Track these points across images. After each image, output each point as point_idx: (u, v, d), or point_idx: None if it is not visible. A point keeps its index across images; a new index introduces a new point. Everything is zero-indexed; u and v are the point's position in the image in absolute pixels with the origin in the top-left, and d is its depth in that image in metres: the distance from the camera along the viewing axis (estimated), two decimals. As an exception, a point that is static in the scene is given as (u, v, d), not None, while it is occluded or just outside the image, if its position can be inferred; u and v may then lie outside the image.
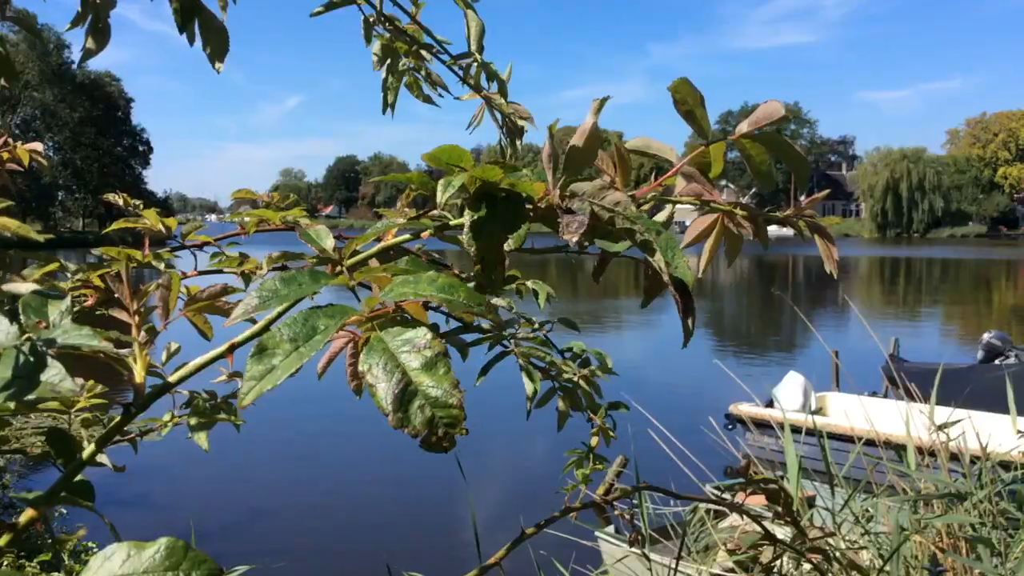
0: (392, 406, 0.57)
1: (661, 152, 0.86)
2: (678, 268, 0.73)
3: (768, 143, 0.80)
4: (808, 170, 0.84)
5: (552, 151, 0.73)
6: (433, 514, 8.66)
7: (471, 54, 1.25)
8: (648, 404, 12.41)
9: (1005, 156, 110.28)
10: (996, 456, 3.41)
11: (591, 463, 1.39)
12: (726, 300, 35.54)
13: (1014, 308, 34.04)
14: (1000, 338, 13.27)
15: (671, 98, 0.79)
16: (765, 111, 0.80)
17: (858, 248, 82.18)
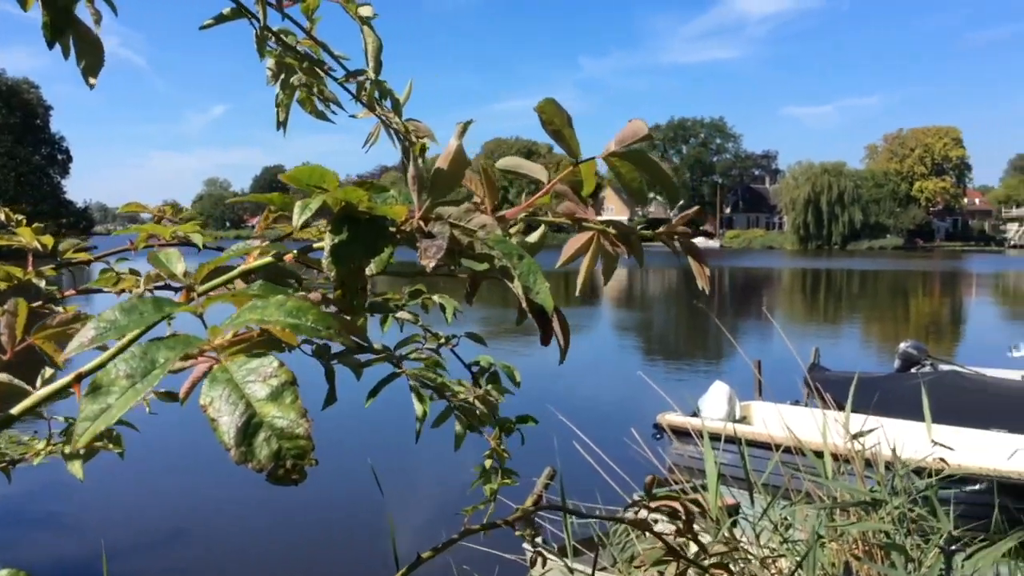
0: (235, 440, 0.54)
1: (532, 172, 0.85)
2: (539, 294, 0.71)
3: (636, 161, 0.81)
4: (675, 188, 0.85)
5: (417, 173, 0.71)
6: (353, 533, 8.53)
7: (363, 72, 1.23)
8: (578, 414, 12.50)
9: (921, 171, 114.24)
10: (910, 463, 3.49)
11: (499, 478, 1.36)
12: (655, 311, 36.01)
13: (930, 318, 35.20)
14: (916, 347, 13.67)
15: (538, 118, 0.78)
16: (631, 129, 0.80)
17: (781, 260, 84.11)
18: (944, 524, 2.83)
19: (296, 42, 1.25)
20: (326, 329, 0.57)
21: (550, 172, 0.84)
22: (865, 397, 11.36)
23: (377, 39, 1.20)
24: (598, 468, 4.12)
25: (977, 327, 31.49)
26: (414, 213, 0.71)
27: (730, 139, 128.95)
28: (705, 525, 2.90)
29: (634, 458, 4.78)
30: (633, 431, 4.32)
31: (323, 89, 1.32)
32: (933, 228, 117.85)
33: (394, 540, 2.88)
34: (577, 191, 0.83)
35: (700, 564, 1.11)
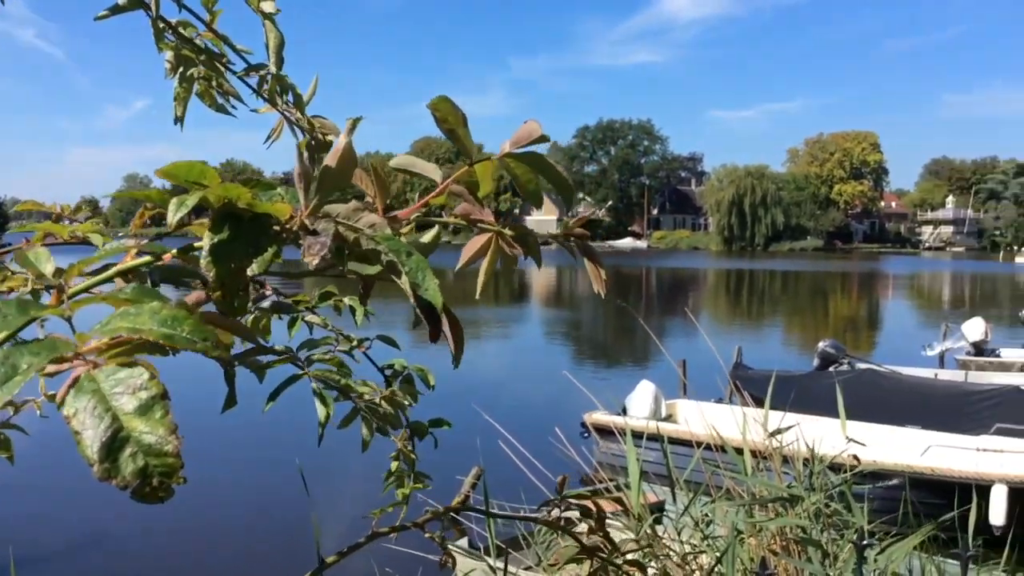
0: (99, 455, 0.50)
1: (425, 172, 0.84)
2: (427, 291, 0.69)
3: (531, 163, 0.80)
4: (571, 191, 0.85)
5: (303, 170, 0.69)
6: (277, 535, 8.40)
7: (264, 66, 1.19)
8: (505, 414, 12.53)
9: (840, 174, 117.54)
10: (826, 459, 3.57)
11: (411, 481, 1.34)
12: (584, 311, 36.29)
13: (848, 318, 36.22)
14: (834, 346, 14.05)
15: (432, 116, 0.77)
16: (525, 131, 0.80)
17: (706, 261, 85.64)
18: (859, 519, 2.89)
19: (196, 35, 1.21)
20: (202, 341, 0.54)
21: (446, 172, 0.82)
22: (785, 395, 11.63)
23: (279, 34, 1.17)
24: (523, 468, 4.12)
25: (893, 326, 32.53)
26: (300, 211, 0.68)
27: (657, 141, 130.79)
28: (628, 522, 2.93)
29: (561, 457, 4.80)
30: (558, 430, 4.33)
31: (223, 83, 1.28)
32: (852, 230, 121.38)
33: (318, 542, 2.84)
34: (474, 192, 0.82)
35: (613, 561, 1.10)
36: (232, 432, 10.63)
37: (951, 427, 10.04)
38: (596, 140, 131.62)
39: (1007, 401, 10.70)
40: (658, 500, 5.51)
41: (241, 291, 0.64)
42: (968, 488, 7.51)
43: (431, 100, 0.76)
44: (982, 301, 42.12)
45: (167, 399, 0.53)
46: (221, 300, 0.63)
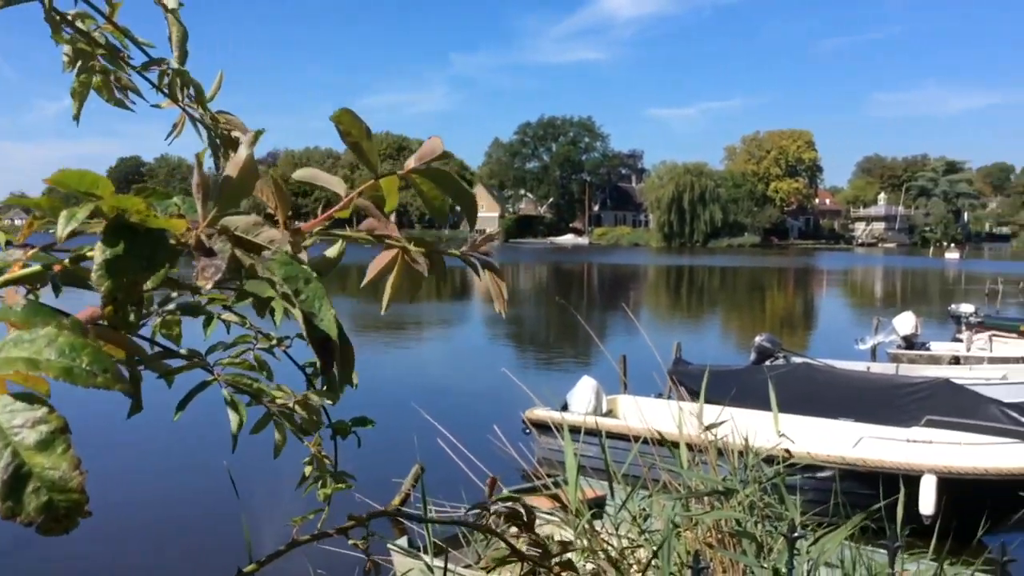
0: (1, 493, 0.48)
1: (329, 184, 0.82)
2: (323, 321, 0.67)
3: (436, 178, 0.79)
4: (474, 208, 0.84)
5: (202, 180, 0.66)
6: (207, 537, 8.25)
7: (164, 60, 1.16)
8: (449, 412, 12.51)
9: (776, 172, 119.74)
10: (760, 452, 3.62)
11: (332, 483, 1.31)
12: (526, 308, 36.36)
13: (784, 312, 36.90)
14: (770, 341, 14.30)
15: (336, 129, 0.75)
16: (428, 147, 0.79)
17: (647, 257, 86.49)
18: (791, 511, 2.94)
19: (96, 27, 1.17)
20: (103, 374, 0.52)
21: (352, 185, 0.80)
22: (723, 389, 11.79)
23: (182, 28, 1.14)
24: (462, 465, 4.10)
25: (827, 321, 33.23)
26: (197, 224, 0.66)
27: (598, 138, 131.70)
28: (566, 518, 2.94)
29: (499, 454, 4.79)
30: (496, 428, 4.33)
31: (121, 77, 1.24)
32: (787, 227, 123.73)
33: (249, 544, 2.78)
34: (380, 206, 0.80)
35: (543, 564, 1.10)
36: (162, 433, 10.41)
37: (883, 419, 10.28)
38: (537, 137, 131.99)
39: (937, 393, 10.99)
40: (599, 495, 5.55)
41: (135, 305, 0.61)
42: (899, 479, 7.72)
43: (334, 113, 0.74)
44: (913, 296, 43.27)
45: (68, 432, 0.51)
46: (113, 315, 0.60)
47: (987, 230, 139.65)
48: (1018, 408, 10.76)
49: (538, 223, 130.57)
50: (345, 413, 4.69)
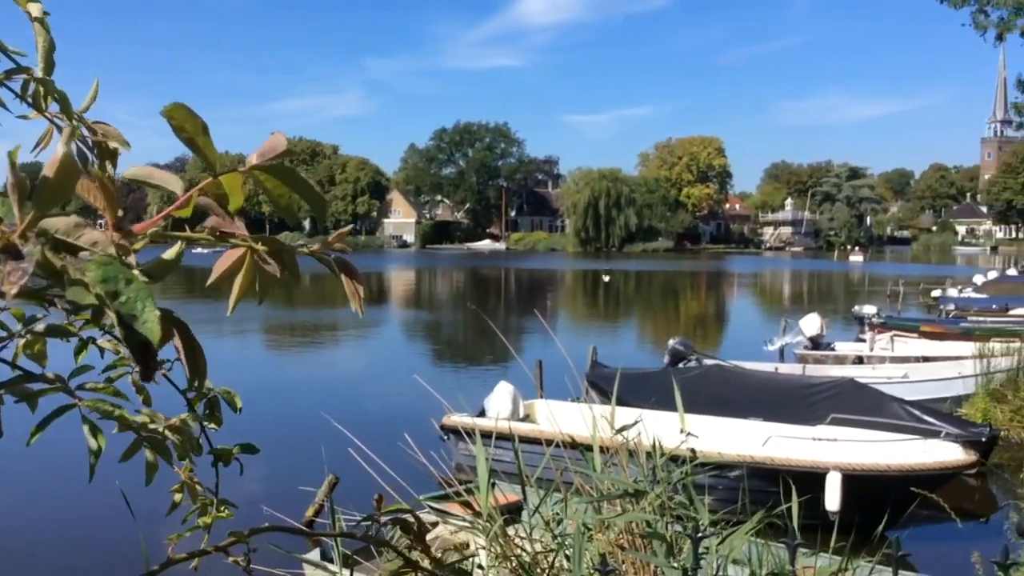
0: None
1: (164, 183, 0.78)
2: (145, 323, 0.63)
3: (282, 176, 0.77)
4: (324, 206, 0.82)
5: (16, 181, 0.63)
6: (103, 557, 7.98)
7: (27, 69, 1.11)
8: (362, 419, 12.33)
9: (688, 178, 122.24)
10: (669, 453, 3.68)
11: (215, 510, 1.26)
12: (443, 313, 36.26)
13: (697, 315, 37.66)
14: (683, 344, 14.58)
15: (169, 125, 0.72)
16: (271, 144, 0.77)
17: (563, 262, 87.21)
18: (700, 511, 2.99)
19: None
20: None
21: (187, 183, 0.77)
22: (638, 391, 11.98)
23: (48, 37, 1.09)
24: (375, 475, 4.05)
25: (738, 323, 34.04)
26: (15, 227, 0.62)
27: (514, 144, 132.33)
28: (478, 525, 2.93)
29: (415, 462, 4.75)
30: (407, 436, 4.29)
31: None
32: (699, 231, 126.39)
33: (147, 560, 2.70)
34: (224, 204, 0.77)
35: (436, 573, 1.09)
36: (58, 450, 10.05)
37: (790, 418, 10.56)
38: (454, 142, 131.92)
39: (841, 392, 11.36)
40: (515, 500, 5.55)
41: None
42: (806, 476, 7.94)
43: (165, 107, 0.71)
44: (819, 298, 44.64)
45: None
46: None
47: (888, 233, 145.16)
48: (919, 406, 11.19)
49: (455, 229, 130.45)
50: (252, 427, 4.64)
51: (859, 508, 7.53)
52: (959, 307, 26.13)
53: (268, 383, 18.25)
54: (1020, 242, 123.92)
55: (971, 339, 16.27)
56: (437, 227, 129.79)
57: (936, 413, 10.95)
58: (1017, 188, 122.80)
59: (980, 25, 17.93)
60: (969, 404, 13.06)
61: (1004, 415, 12.38)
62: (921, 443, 9.12)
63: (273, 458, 11.98)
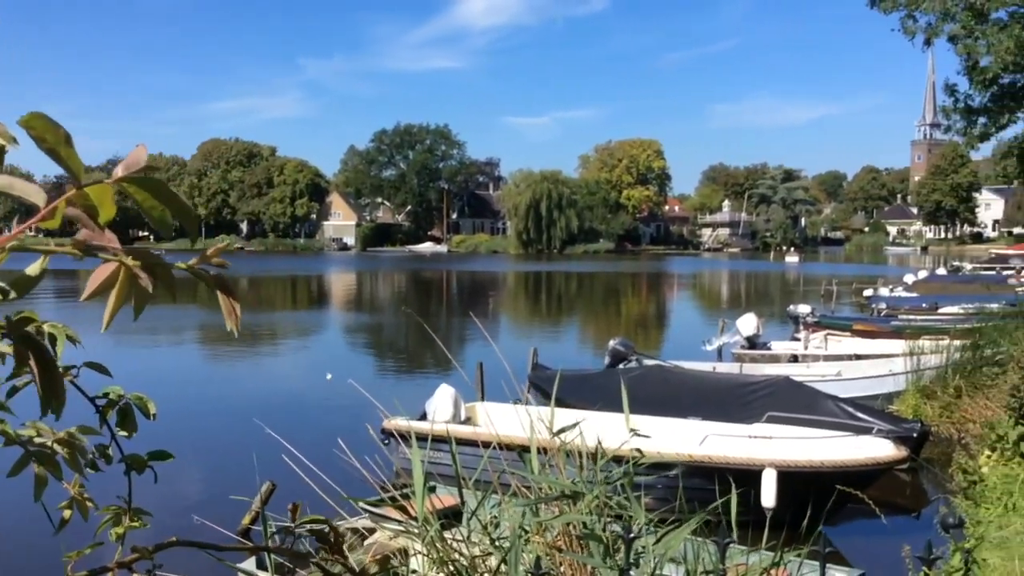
0: None
1: (26, 194, 0.75)
2: None
3: (152, 188, 0.75)
4: (195, 221, 0.80)
5: None
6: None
7: None
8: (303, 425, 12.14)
9: (628, 180, 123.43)
10: (609, 453, 3.69)
11: (127, 520, 1.22)
12: (385, 316, 36.01)
13: (638, 316, 38.01)
14: (623, 344, 14.69)
15: (28, 135, 0.70)
16: (133, 157, 0.75)
17: (505, 264, 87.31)
18: (636, 511, 3.01)
19: None
20: None
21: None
22: (579, 392, 12.05)
23: None
24: (310, 482, 4.00)
25: (678, 323, 34.43)
26: None
27: (455, 146, 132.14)
28: (414, 529, 2.90)
29: (354, 466, 4.70)
30: (340, 441, 4.24)
31: None
32: (640, 233, 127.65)
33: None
34: (94, 216, 0.75)
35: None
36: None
37: (728, 417, 10.71)
38: (394, 144, 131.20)
39: (777, 390, 11.56)
40: (455, 504, 5.53)
41: None
42: (742, 473, 8.05)
43: (23, 117, 0.68)
44: (756, 298, 45.41)
45: None
46: None
47: (822, 234, 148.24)
48: (852, 403, 11.44)
49: (396, 231, 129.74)
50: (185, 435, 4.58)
51: (794, 504, 7.65)
52: (890, 306, 26.77)
53: (202, 389, 17.91)
54: (949, 242, 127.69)
55: (902, 337, 16.65)
56: (378, 229, 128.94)
57: (869, 410, 11.21)
58: (946, 190, 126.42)
59: (909, 30, 18.43)
60: (900, 401, 13.39)
61: (934, 411, 12.71)
62: (854, 440, 9.31)
63: (208, 466, 11.77)
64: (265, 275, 65.09)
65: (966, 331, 15.24)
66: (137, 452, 1.20)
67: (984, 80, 18.02)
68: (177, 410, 14.72)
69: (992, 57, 17.19)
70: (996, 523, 6.75)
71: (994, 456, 8.31)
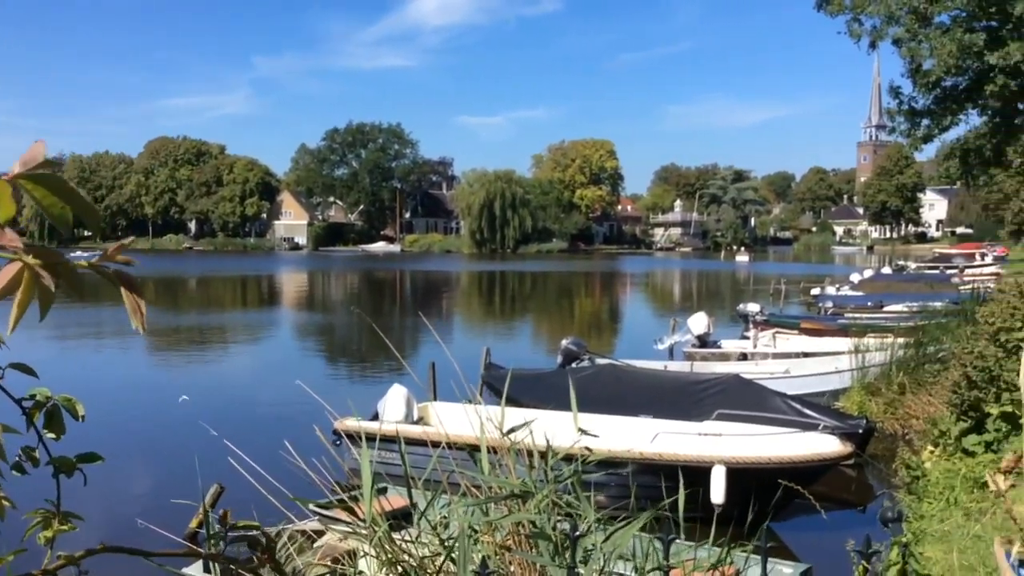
0: None
1: None
2: None
3: (52, 186, 0.74)
4: (97, 218, 0.79)
5: None
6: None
7: None
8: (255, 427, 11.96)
9: (581, 180, 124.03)
10: (560, 452, 3.71)
11: (56, 523, 1.19)
12: (337, 316, 35.73)
13: (591, 315, 38.21)
14: (576, 344, 14.76)
15: None
16: (31, 153, 0.74)
17: (459, 264, 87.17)
18: (585, 509, 3.02)
19: None
20: None
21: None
22: (532, 391, 12.08)
23: None
24: (256, 484, 3.95)
25: (630, 322, 34.69)
26: None
27: (408, 145, 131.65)
28: (364, 530, 2.88)
29: (306, 468, 4.65)
30: (287, 443, 4.19)
31: None
32: (593, 232, 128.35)
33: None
34: None
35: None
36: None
37: (678, 415, 10.82)
38: (346, 143, 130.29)
39: (727, 389, 11.70)
40: (406, 504, 5.49)
41: None
42: (692, 470, 8.14)
43: None
44: (707, 297, 45.92)
45: None
46: None
47: (772, 234, 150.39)
48: (800, 400, 11.62)
49: (349, 231, 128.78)
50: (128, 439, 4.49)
51: (743, 500, 7.75)
52: (837, 305, 27.23)
53: (149, 393, 17.60)
54: (894, 242, 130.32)
55: (848, 335, 16.94)
56: (330, 229, 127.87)
57: (815, 407, 11.39)
58: (891, 190, 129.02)
59: (855, 33, 18.76)
60: (846, 397, 13.64)
61: (879, 408, 12.97)
62: (801, 436, 9.46)
63: (156, 470, 11.58)
64: (214, 275, 64.14)
65: (910, 329, 15.57)
66: (66, 455, 1.18)
67: (927, 83, 18.40)
68: (123, 413, 14.46)
69: (935, 60, 17.56)
70: (938, 517, 6.91)
71: (936, 452, 8.50)
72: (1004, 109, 19.12)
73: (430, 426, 10.71)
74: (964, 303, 18.43)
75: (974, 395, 8.20)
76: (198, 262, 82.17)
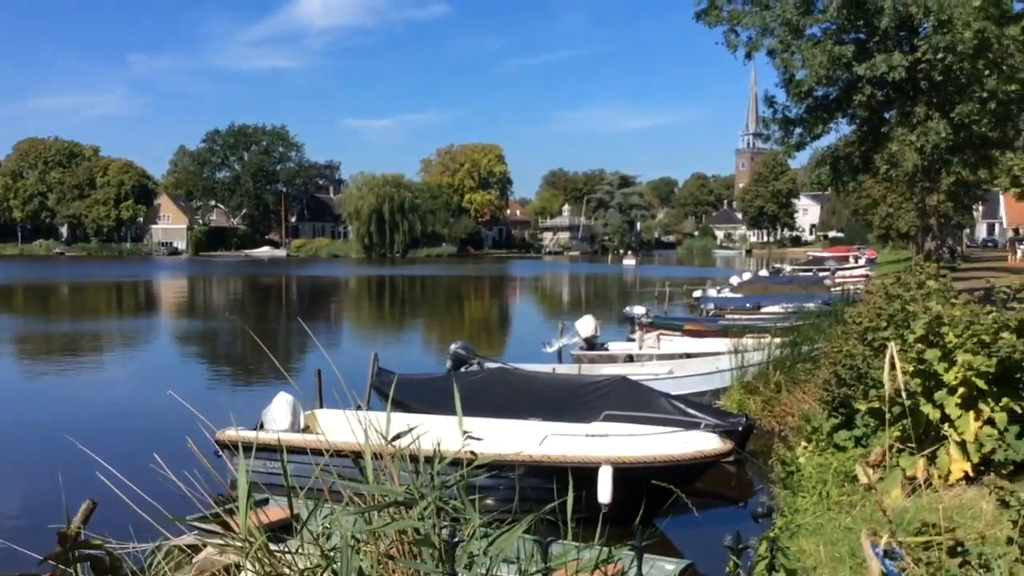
0: None
1: None
2: None
3: None
4: None
5: None
6: None
7: None
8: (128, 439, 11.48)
9: (470, 184, 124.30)
10: (447, 456, 3.68)
11: None
12: (220, 323, 34.68)
13: (481, 319, 38.28)
14: (464, 348, 14.74)
15: None
16: None
17: (347, 268, 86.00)
18: (471, 513, 3.01)
19: None
20: None
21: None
22: (422, 396, 11.99)
23: None
24: (128, 500, 3.78)
25: (520, 325, 34.90)
26: None
27: (293, 148, 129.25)
28: (239, 543, 2.79)
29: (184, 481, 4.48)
30: (157, 456, 4.03)
31: None
32: (482, 237, 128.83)
33: None
34: None
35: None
36: None
37: (567, 416, 10.93)
38: (228, 145, 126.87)
39: (614, 390, 11.90)
40: (287, 515, 5.37)
41: None
42: (579, 471, 8.23)
43: None
44: (596, 300, 46.65)
45: None
46: None
47: (656, 238, 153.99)
48: (683, 400, 11.93)
49: (231, 235, 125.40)
50: None
51: (630, 499, 7.89)
52: (718, 306, 28.07)
53: (13, 405, 16.69)
54: (771, 245, 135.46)
55: (728, 336, 17.47)
56: (212, 233, 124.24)
57: (698, 406, 11.71)
58: (767, 196, 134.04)
59: (731, 44, 19.40)
60: (727, 396, 14.05)
61: (757, 405, 13.41)
62: (684, 435, 9.69)
63: (21, 488, 10.97)
64: (87, 281, 61.40)
65: (785, 329, 16.18)
66: None
67: (800, 92, 19.18)
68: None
69: (807, 71, 18.32)
70: (811, 510, 7.18)
71: (810, 447, 8.83)
72: (871, 118, 20.11)
73: (316, 434, 10.51)
74: (835, 304, 19.24)
75: (844, 392, 8.56)
76: (70, 268, 78.51)
